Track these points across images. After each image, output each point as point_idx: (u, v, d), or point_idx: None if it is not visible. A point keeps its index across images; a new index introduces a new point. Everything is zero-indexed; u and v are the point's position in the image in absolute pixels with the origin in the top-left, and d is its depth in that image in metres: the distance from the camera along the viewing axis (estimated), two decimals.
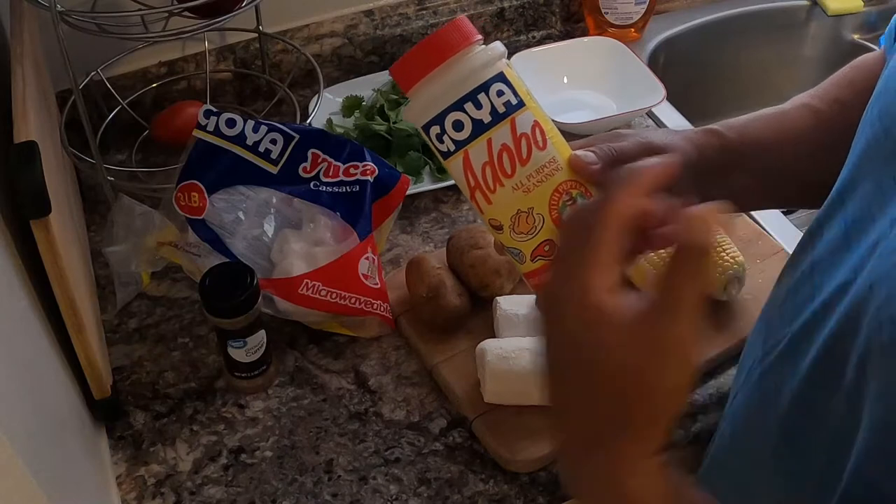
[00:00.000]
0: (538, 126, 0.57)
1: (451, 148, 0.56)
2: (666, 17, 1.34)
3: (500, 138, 0.56)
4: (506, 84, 0.56)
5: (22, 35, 0.82)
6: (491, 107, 0.56)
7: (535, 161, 0.56)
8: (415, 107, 0.57)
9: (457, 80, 0.56)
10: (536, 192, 0.56)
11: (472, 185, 0.57)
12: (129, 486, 0.77)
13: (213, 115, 0.89)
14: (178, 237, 0.88)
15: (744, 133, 0.67)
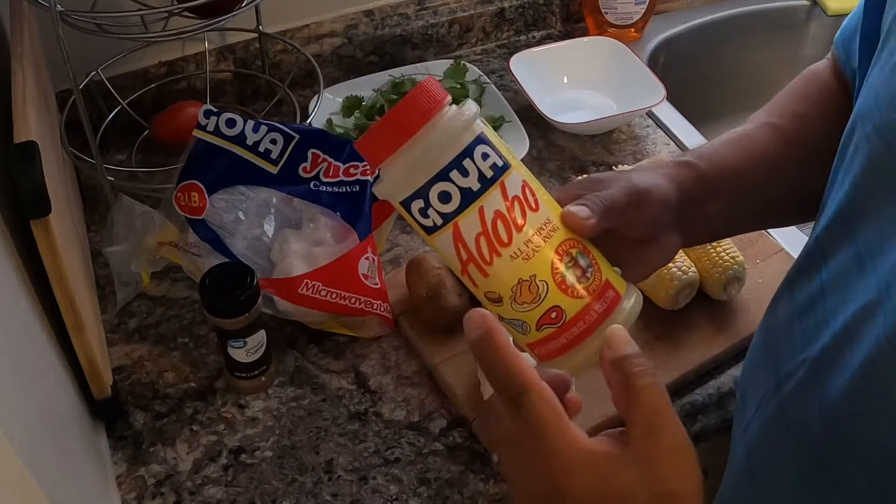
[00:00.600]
0: (527, 186, 0.54)
1: (439, 222, 0.52)
2: (666, 17, 1.34)
3: (492, 205, 0.52)
4: (489, 146, 0.53)
5: (22, 35, 0.82)
6: (479, 172, 0.51)
7: (531, 225, 0.53)
8: (390, 182, 0.53)
9: (438, 149, 0.51)
10: (536, 259, 0.52)
11: (464, 260, 0.53)
12: (129, 486, 0.77)
13: (213, 115, 0.89)
14: (178, 237, 0.88)
15: (714, 161, 0.67)
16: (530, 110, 1.12)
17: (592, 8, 1.27)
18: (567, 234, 0.54)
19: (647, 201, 0.61)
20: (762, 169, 0.69)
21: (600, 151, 1.10)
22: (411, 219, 0.53)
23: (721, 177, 0.67)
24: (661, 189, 0.62)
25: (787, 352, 0.62)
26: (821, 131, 0.69)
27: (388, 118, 0.51)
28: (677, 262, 0.86)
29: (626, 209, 0.60)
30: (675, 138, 1.13)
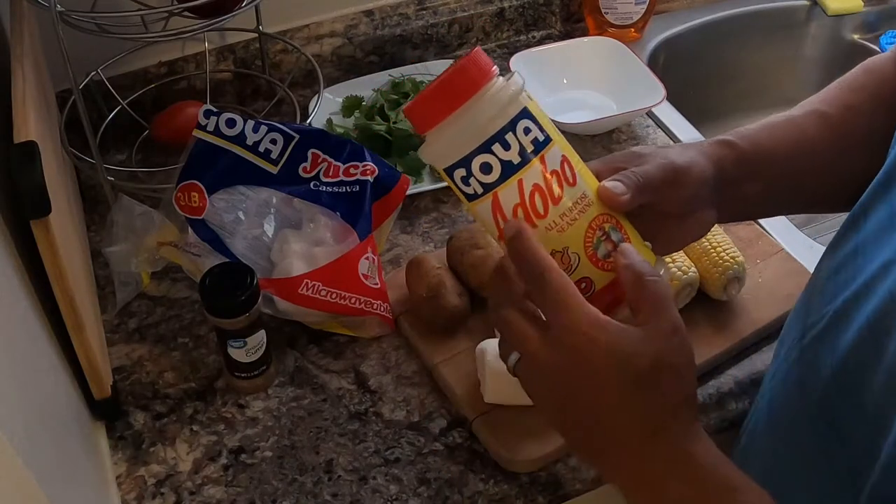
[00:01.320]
0: (566, 161, 0.56)
1: (479, 191, 0.54)
2: (666, 17, 1.34)
3: (531, 178, 0.54)
4: (531, 120, 0.55)
5: (22, 35, 0.82)
6: (519, 146, 0.54)
7: (567, 198, 0.55)
8: (435, 149, 0.55)
9: (482, 121, 0.53)
10: (570, 231, 0.55)
11: (501, 227, 0.55)
12: (129, 486, 0.77)
13: (213, 115, 0.89)
14: (178, 237, 0.88)
15: (756, 143, 0.68)
16: None
17: (592, 8, 1.27)
18: (601, 208, 0.56)
19: (683, 179, 0.63)
20: (803, 155, 0.69)
21: (600, 151, 1.10)
22: (454, 185, 0.55)
23: (761, 159, 0.67)
24: (698, 167, 0.64)
25: (817, 304, 0.64)
26: (871, 124, 0.69)
27: (438, 86, 0.53)
28: (677, 261, 0.86)
29: (662, 186, 0.62)
30: (675, 138, 1.13)
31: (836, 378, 0.60)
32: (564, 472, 0.78)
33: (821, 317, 0.63)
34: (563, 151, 0.56)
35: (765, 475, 0.69)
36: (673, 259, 0.86)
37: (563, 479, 0.78)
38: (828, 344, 0.61)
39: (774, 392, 0.71)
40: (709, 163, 0.65)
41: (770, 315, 0.87)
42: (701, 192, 0.64)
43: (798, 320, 0.68)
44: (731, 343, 0.86)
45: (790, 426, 0.67)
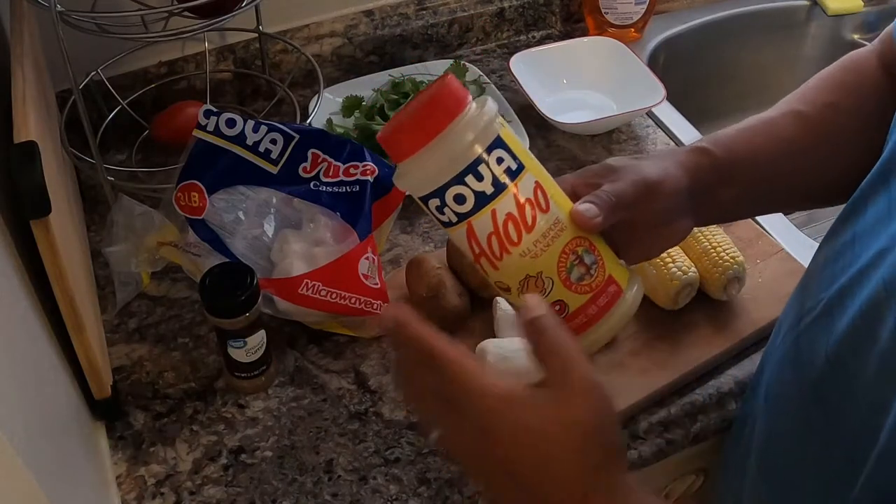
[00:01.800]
0: (539, 187, 0.55)
1: (454, 220, 0.55)
2: (666, 17, 1.34)
3: (504, 208, 0.54)
4: (504, 149, 0.54)
5: (22, 35, 0.82)
6: (493, 177, 0.54)
7: (540, 225, 0.55)
8: (409, 179, 0.55)
9: (456, 153, 0.53)
10: (544, 257, 0.55)
11: (476, 253, 0.56)
12: (129, 486, 0.77)
13: (213, 115, 0.89)
14: (178, 237, 0.88)
15: (732, 149, 0.67)
16: (530, 110, 1.12)
17: (592, 8, 1.27)
18: (575, 232, 0.56)
19: (656, 193, 0.63)
20: (782, 157, 0.69)
21: (600, 151, 1.10)
22: (429, 211, 0.56)
23: (736, 165, 0.67)
24: (672, 179, 0.64)
25: (814, 290, 0.65)
26: (853, 122, 0.68)
27: (411, 116, 0.53)
28: (677, 261, 0.86)
29: (636, 202, 0.62)
30: (675, 138, 1.13)
31: (831, 364, 0.61)
32: None
33: (817, 302, 0.64)
34: (536, 178, 0.56)
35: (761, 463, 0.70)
36: (673, 259, 0.86)
37: None
38: (823, 330, 0.62)
39: (770, 376, 0.71)
40: (683, 173, 0.65)
41: (770, 315, 0.87)
42: (675, 202, 0.64)
43: (795, 305, 0.69)
44: (731, 343, 0.86)
45: (785, 411, 0.68)
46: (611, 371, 0.83)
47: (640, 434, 0.81)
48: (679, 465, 0.88)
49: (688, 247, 0.89)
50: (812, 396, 0.63)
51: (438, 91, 0.53)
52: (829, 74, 0.73)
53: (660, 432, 0.81)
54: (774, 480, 0.70)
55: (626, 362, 0.84)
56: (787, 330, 0.69)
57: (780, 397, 0.70)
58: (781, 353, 0.69)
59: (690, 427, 0.82)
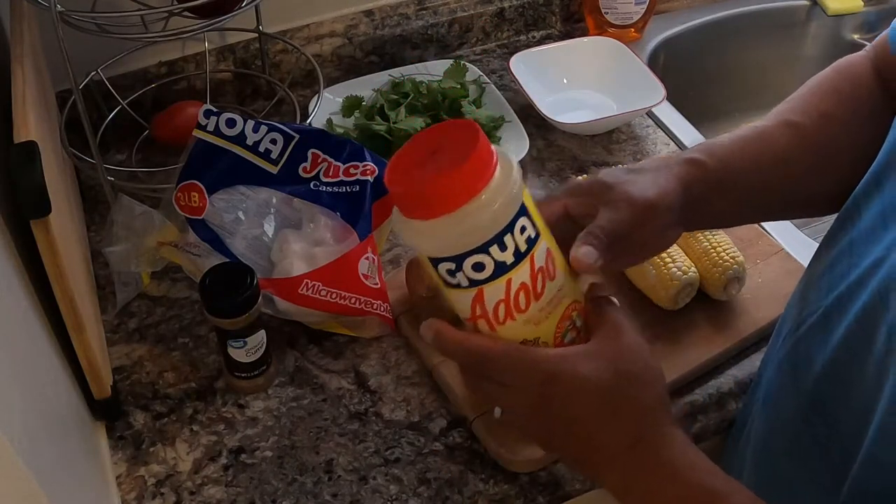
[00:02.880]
0: (550, 254, 0.54)
1: (465, 284, 0.52)
2: (666, 17, 1.34)
3: (519, 278, 0.52)
4: (527, 216, 0.52)
5: (22, 35, 0.82)
6: (515, 247, 0.51)
7: (547, 293, 0.54)
8: (425, 240, 0.51)
9: (485, 222, 0.50)
10: (545, 323, 0.55)
11: (476, 315, 0.54)
12: (129, 486, 0.77)
13: (213, 115, 0.89)
14: (178, 237, 0.88)
15: (725, 160, 0.67)
16: (530, 110, 1.12)
17: (592, 8, 1.27)
18: (573, 296, 0.56)
19: (652, 216, 0.63)
20: (774, 169, 0.68)
21: (600, 151, 1.10)
22: (434, 272, 0.53)
23: (729, 176, 0.67)
24: (667, 197, 0.64)
25: (813, 298, 0.65)
26: (846, 132, 0.68)
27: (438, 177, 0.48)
28: (677, 261, 0.86)
29: (632, 229, 0.62)
30: (675, 138, 1.13)
31: (827, 371, 0.61)
32: (564, 472, 0.78)
33: (816, 308, 0.64)
34: (548, 244, 0.54)
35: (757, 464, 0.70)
36: (673, 259, 0.86)
37: (563, 479, 0.78)
38: (821, 337, 0.62)
39: (769, 381, 0.72)
40: (678, 186, 0.65)
41: (770, 315, 0.87)
42: (668, 219, 0.64)
43: (794, 311, 0.69)
44: (731, 343, 0.86)
45: (782, 414, 0.68)
46: None
47: None
48: None
49: (688, 247, 0.89)
50: (809, 402, 0.64)
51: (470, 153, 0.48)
52: (823, 80, 0.72)
53: None
54: (769, 482, 0.70)
55: None
56: (787, 335, 0.69)
57: (778, 401, 0.70)
58: (780, 358, 0.70)
59: (690, 427, 0.82)
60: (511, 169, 0.51)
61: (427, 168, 0.49)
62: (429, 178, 0.49)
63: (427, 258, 0.52)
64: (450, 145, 0.49)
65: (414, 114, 1.08)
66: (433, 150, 0.50)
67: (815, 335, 0.64)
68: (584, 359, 0.54)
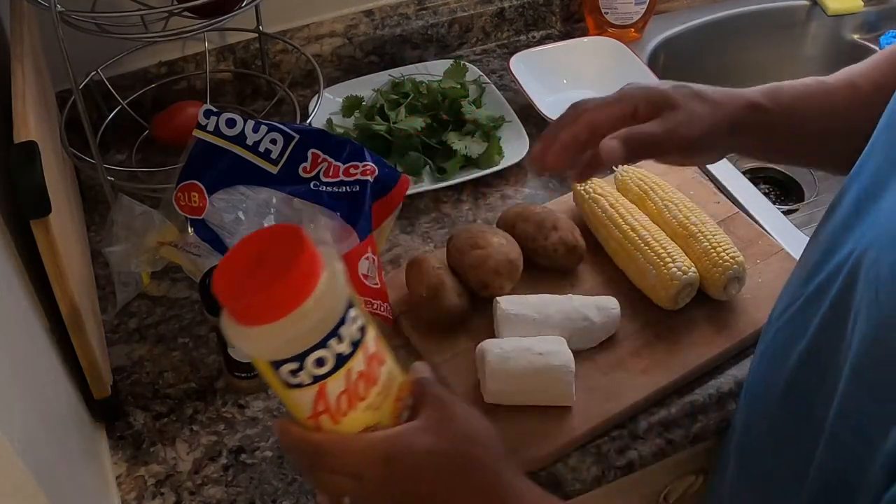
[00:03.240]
0: (378, 339, 0.56)
1: (308, 381, 0.52)
2: (666, 17, 1.34)
3: (357, 366, 0.54)
4: (355, 307, 0.54)
5: (22, 35, 0.82)
6: (350, 337, 0.53)
7: (382, 377, 0.56)
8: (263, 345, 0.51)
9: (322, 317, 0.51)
10: (383, 407, 0.57)
11: (318, 411, 0.54)
12: (129, 486, 0.77)
13: (213, 115, 0.89)
14: (178, 237, 0.88)
15: (786, 106, 0.71)
16: (530, 110, 1.12)
17: (592, 8, 1.27)
18: (400, 377, 0.59)
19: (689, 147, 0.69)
20: (830, 123, 0.71)
21: None
22: (273, 376, 0.53)
23: (786, 121, 0.71)
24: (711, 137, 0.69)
25: (797, 286, 0.67)
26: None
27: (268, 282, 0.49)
28: (677, 261, 0.86)
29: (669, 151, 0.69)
30: None
31: (804, 358, 0.63)
32: (564, 472, 0.78)
33: (797, 298, 0.66)
34: (374, 330, 0.56)
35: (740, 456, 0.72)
36: (673, 259, 0.86)
37: (563, 479, 0.78)
38: (800, 325, 0.63)
39: (754, 366, 0.73)
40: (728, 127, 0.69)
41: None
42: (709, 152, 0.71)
43: (779, 302, 0.71)
44: (731, 343, 0.86)
45: (763, 405, 0.70)
46: (611, 371, 0.83)
47: (640, 434, 0.81)
48: (679, 465, 0.88)
49: (688, 247, 0.89)
50: (786, 390, 0.65)
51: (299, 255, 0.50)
52: (890, 51, 0.74)
53: (660, 432, 0.81)
54: (749, 474, 0.71)
55: (626, 362, 0.84)
56: (769, 324, 0.71)
57: (759, 391, 0.71)
58: (763, 348, 0.71)
59: (690, 427, 0.82)
60: (337, 263, 0.53)
61: (258, 274, 0.50)
62: (263, 283, 0.49)
63: (267, 364, 0.52)
64: (276, 250, 0.50)
65: (414, 114, 1.08)
66: (259, 256, 0.50)
67: (795, 324, 0.65)
68: (418, 433, 0.56)
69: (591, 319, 0.84)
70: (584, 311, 0.84)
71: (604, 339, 0.85)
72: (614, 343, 0.86)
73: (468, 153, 1.04)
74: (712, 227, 0.90)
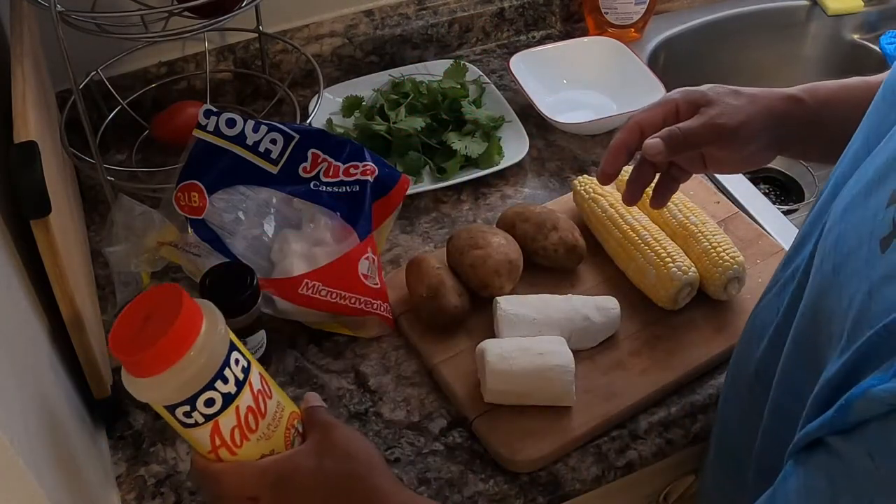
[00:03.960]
0: (263, 377, 0.63)
1: (201, 421, 0.59)
2: (666, 17, 1.34)
3: (245, 402, 0.61)
4: (237, 350, 0.61)
5: (22, 35, 0.82)
6: (234, 378, 0.59)
7: (269, 410, 0.63)
8: (157, 393, 0.58)
9: (205, 363, 0.58)
10: (275, 437, 0.63)
11: (217, 446, 0.61)
12: (129, 486, 0.77)
13: (213, 115, 0.89)
14: (178, 237, 0.88)
15: (825, 102, 0.72)
16: (530, 110, 1.12)
17: (592, 8, 1.27)
18: (290, 408, 0.65)
19: (729, 140, 0.72)
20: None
21: (600, 151, 1.10)
22: (171, 417, 0.59)
23: (825, 117, 0.72)
24: (749, 128, 0.72)
25: (777, 270, 0.68)
26: None
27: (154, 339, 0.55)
28: (677, 261, 0.86)
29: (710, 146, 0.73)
30: None
31: (772, 337, 0.64)
32: (564, 472, 0.78)
33: (775, 282, 0.67)
34: (258, 369, 0.63)
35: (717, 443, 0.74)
36: (673, 259, 0.86)
37: (562, 479, 0.78)
38: (773, 307, 0.65)
39: (734, 356, 0.75)
40: (767, 118, 0.72)
41: None
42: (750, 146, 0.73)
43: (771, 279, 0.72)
44: (731, 343, 0.86)
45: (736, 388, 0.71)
46: (611, 371, 0.83)
47: (640, 434, 0.81)
48: (679, 465, 0.88)
49: (688, 247, 0.89)
50: (755, 370, 0.66)
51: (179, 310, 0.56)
52: None
53: (660, 432, 0.81)
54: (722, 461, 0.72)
55: (626, 362, 0.84)
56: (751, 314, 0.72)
57: (734, 375, 0.73)
58: (741, 336, 0.73)
59: (690, 427, 0.82)
60: (215, 314, 0.60)
61: (145, 332, 0.56)
62: (149, 339, 0.56)
63: (163, 408, 0.59)
64: (160, 309, 0.57)
65: (414, 114, 1.08)
66: (146, 316, 0.57)
67: (769, 307, 0.66)
68: (303, 455, 0.62)
69: (591, 319, 0.84)
70: (584, 311, 0.84)
71: (604, 339, 0.85)
72: (614, 343, 0.86)
73: (468, 153, 1.04)
74: (712, 227, 0.90)
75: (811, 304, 0.54)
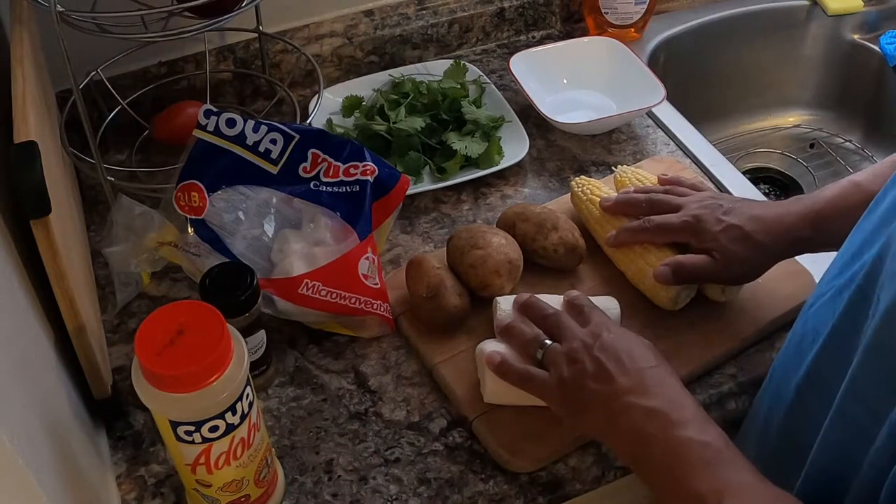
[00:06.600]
0: (258, 410, 0.66)
1: (199, 441, 0.62)
2: (666, 17, 1.34)
3: (240, 433, 0.64)
4: (248, 385, 0.64)
5: (22, 35, 0.82)
6: (242, 411, 0.63)
7: (255, 442, 0.66)
8: (173, 407, 0.61)
9: (224, 396, 0.61)
10: (251, 465, 0.67)
11: (199, 462, 0.64)
12: (129, 486, 0.77)
13: (213, 115, 0.89)
14: (178, 237, 0.88)
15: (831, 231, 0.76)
16: (530, 110, 1.12)
17: (592, 8, 1.27)
18: (266, 441, 0.69)
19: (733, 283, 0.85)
20: None
21: (600, 151, 1.10)
22: (168, 429, 0.62)
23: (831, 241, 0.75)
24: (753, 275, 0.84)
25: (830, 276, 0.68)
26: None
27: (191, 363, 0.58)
28: None
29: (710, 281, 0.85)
30: (675, 138, 1.13)
31: (827, 342, 0.63)
32: (564, 472, 0.78)
33: (829, 289, 0.66)
34: (257, 402, 0.66)
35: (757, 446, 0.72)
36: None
37: (563, 479, 0.78)
38: (829, 310, 0.64)
39: (783, 352, 0.74)
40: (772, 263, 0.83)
41: (770, 315, 0.88)
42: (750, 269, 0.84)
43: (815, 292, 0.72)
44: (731, 343, 0.86)
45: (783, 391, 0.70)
46: None
47: None
48: None
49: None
50: (806, 374, 0.66)
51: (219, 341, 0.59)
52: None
53: None
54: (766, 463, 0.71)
55: None
56: (802, 312, 0.72)
57: (780, 377, 0.72)
58: (790, 338, 0.72)
59: None
60: (242, 347, 0.63)
61: (176, 347, 0.59)
62: (180, 359, 0.58)
63: (166, 419, 0.62)
64: (196, 328, 0.60)
65: (414, 114, 1.08)
66: (179, 330, 0.59)
67: (825, 310, 0.66)
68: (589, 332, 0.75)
69: None
70: None
71: None
72: None
73: (468, 153, 1.04)
74: None
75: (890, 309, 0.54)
